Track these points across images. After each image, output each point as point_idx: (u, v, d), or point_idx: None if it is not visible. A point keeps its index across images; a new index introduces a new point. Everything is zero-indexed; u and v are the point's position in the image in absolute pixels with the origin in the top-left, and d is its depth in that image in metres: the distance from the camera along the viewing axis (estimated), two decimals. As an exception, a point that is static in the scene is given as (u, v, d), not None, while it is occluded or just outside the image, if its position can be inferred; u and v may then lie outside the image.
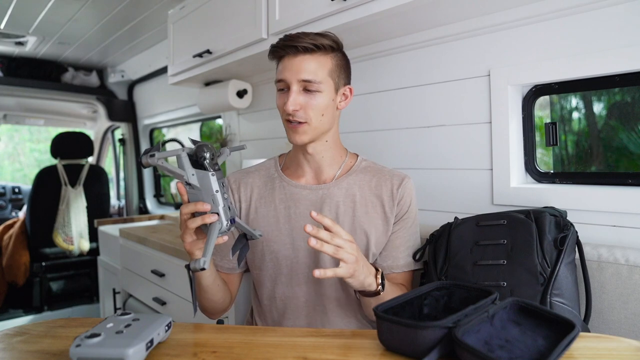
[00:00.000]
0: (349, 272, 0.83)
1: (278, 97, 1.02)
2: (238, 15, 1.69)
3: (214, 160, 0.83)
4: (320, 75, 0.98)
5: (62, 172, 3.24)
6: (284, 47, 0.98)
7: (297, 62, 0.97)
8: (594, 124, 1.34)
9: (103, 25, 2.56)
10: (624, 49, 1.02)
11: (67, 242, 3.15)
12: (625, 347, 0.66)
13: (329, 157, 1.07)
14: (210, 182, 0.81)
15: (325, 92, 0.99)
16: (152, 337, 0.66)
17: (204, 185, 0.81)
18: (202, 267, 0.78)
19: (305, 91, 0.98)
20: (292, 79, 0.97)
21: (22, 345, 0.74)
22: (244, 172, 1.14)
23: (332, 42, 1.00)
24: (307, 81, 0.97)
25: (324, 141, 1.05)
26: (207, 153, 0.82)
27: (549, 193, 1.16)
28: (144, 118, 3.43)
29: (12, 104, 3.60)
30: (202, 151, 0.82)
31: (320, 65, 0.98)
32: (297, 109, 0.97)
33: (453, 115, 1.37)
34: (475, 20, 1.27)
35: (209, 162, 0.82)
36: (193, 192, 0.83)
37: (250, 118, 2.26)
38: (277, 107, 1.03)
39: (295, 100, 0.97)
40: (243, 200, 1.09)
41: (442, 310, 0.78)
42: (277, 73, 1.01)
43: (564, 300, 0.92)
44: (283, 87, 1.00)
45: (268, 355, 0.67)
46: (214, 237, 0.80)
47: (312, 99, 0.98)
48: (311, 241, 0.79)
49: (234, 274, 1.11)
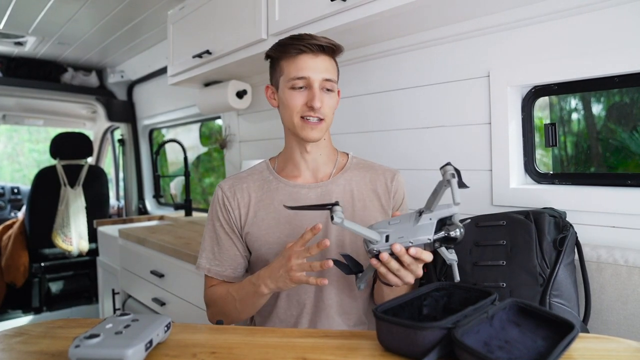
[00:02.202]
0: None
1: (292, 95, 1.01)
2: (238, 16, 1.69)
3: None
4: (335, 75, 1.03)
5: (61, 173, 3.23)
6: (307, 45, 0.98)
7: (319, 61, 1.00)
8: (593, 125, 1.34)
9: (102, 26, 2.56)
10: (623, 50, 1.02)
11: (66, 242, 3.15)
12: (625, 347, 0.66)
13: (325, 156, 1.09)
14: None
15: (336, 92, 1.04)
16: (151, 338, 0.65)
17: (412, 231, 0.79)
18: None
19: (323, 90, 1.01)
20: (316, 77, 0.99)
21: (21, 345, 0.73)
22: (237, 179, 1.12)
23: (341, 46, 1.04)
24: (329, 80, 1.00)
25: (323, 140, 1.06)
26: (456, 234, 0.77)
27: (549, 194, 1.16)
28: (144, 118, 3.43)
29: (11, 104, 3.59)
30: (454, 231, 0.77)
31: (334, 67, 1.04)
32: (321, 106, 1.00)
33: (453, 116, 1.37)
34: (475, 22, 1.27)
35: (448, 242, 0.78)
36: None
37: (250, 119, 2.26)
38: (290, 105, 1.01)
39: (321, 97, 0.99)
40: (241, 207, 1.08)
41: (442, 311, 0.78)
42: (294, 70, 0.99)
43: (563, 301, 0.92)
44: (303, 84, 1.00)
45: (267, 355, 0.67)
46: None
47: (330, 98, 1.02)
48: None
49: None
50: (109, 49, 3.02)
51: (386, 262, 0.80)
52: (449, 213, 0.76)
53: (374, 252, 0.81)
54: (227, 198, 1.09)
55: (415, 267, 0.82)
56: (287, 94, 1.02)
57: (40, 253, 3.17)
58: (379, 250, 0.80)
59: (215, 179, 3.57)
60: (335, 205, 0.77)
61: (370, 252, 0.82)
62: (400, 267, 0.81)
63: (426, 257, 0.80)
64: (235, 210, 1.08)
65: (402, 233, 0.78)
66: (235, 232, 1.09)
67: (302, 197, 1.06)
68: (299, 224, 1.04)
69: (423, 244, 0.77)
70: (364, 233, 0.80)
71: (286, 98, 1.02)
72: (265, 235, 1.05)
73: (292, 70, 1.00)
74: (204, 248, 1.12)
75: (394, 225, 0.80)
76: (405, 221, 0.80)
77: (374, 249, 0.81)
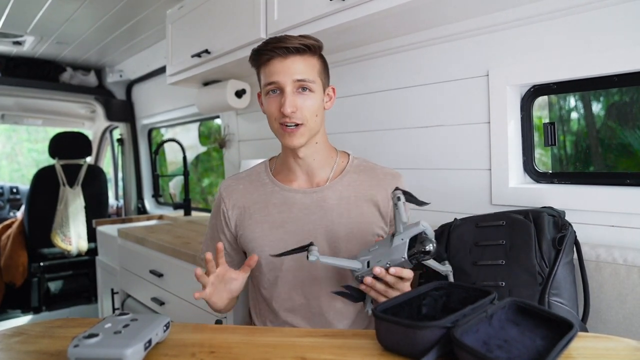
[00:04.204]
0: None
1: (268, 101, 0.99)
2: (236, 15, 1.69)
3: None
4: (312, 75, 0.98)
5: (60, 172, 3.23)
6: (274, 49, 0.96)
7: (288, 63, 0.96)
8: (592, 124, 1.34)
9: (101, 25, 2.56)
10: (622, 49, 1.02)
11: (65, 242, 3.14)
12: (624, 346, 0.66)
13: (320, 160, 1.06)
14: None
15: (317, 93, 0.99)
16: (150, 337, 0.65)
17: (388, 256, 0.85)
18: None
19: (299, 92, 0.97)
20: (286, 80, 0.96)
21: (20, 345, 0.73)
22: (235, 179, 1.13)
23: (317, 43, 1.00)
24: (302, 81, 0.96)
25: (314, 143, 1.04)
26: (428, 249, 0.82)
27: (548, 193, 1.16)
28: (143, 118, 3.43)
29: (10, 103, 3.58)
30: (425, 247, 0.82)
31: (311, 66, 0.99)
32: (294, 110, 0.96)
33: (452, 115, 1.37)
34: (474, 21, 1.27)
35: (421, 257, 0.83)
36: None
37: (249, 118, 2.26)
38: (267, 112, 1.00)
39: (292, 101, 0.96)
40: (237, 207, 1.08)
41: (441, 311, 0.78)
42: (266, 76, 0.99)
43: (562, 300, 0.92)
44: (275, 88, 0.98)
45: (266, 355, 0.67)
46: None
47: (307, 100, 0.98)
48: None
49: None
50: (107, 49, 3.01)
51: (371, 285, 0.86)
52: (417, 231, 0.83)
53: (360, 279, 0.88)
54: (222, 199, 1.10)
55: (401, 285, 0.87)
56: (265, 100, 1.01)
57: (40, 253, 3.17)
58: (363, 276, 0.87)
59: (214, 179, 3.56)
60: (310, 246, 0.86)
61: (357, 279, 0.89)
62: (387, 288, 0.87)
63: (406, 274, 0.85)
64: (229, 211, 1.08)
65: (380, 257, 0.86)
66: (230, 233, 1.09)
67: (297, 203, 1.05)
68: (292, 229, 1.03)
69: (400, 263, 0.84)
70: (345, 265, 0.88)
71: (265, 105, 1.01)
72: (259, 239, 1.04)
73: (265, 76, 0.99)
74: (204, 243, 1.16)
75: (373, 252, 0.88)
76: (382, 246, 0.87)
77: (358, 276, 0.88)
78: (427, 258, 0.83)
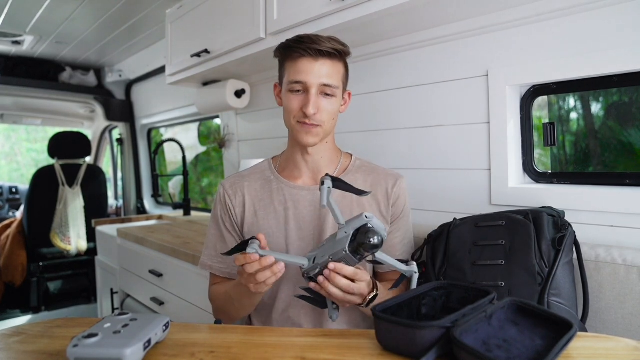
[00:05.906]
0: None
1: (290, 98, 1.00)
2: (236, 15, 1.69)
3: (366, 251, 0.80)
4: (337, 81, 1.00)
5: (59, 172, 3.23)
6: (306, 49, 0.97)
7: (318, 66, 0.97)
8: (592, 124, 1.34)
9: (100, 25, 2.56)
10: (622, 49, 1.02)
11: (64, 242, 3.14)
12: (623, 346, 0.66)
13: (327, 158, 1.08)
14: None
15: (338, 97, 1.02)
16: (149, 337, 0.65)
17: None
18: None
19: (322, 95, 0.99)
20: (313, 82, 0.97)
21: (20, 345, 0.73)
22: (239, 177, 1.13)
23: (346, 49, 1.02)
24: (327, 86, 0.98)
25: (324, 143, 1.06)
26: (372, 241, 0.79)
27: (547, 193, 1.16)
28: (142, 118, 3.43)
29: (9, 103, 3.58)
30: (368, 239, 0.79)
31: (337, 71, 1.01)
32: (316, 112, 0.98)
33: (451, 115, 1.37)
34: (474, 21, 1.27)
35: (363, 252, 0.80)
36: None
37: (249, 118, 2.26)
38: (287, 108, 1.01)
39: (315, 103, 0.97)
40: (241, 205, 1.08)
41: (440, 310, 0.78)
42: (293, 73, 0.99)
43: (562, 300, 0.92)
44: (300, 88, 0.99)
45: (266, 355, 0.67)
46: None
47: (328, 104, 1.00)
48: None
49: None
50: (107, 48, 3.01)
51: (323, 285, 0.83)
52: (360, 223, 0.80)
53: (307, 276, 0.86)
54: (228, 196, 1.10)
55: (356, 288, 0.85)
56: (286, 96, 1.02)
57: (39, 252, 3.17)
58: (308, 272, 0.85)
59: (214, 179, 3.56)
60: (251, 239, 0.83)
61: (306, 278, 0.86)
62: (344, 294, 0.84)
63: (346, 272, 0.82)
64: (236, 208, 1.09)
65: (326, 252, 0.83)
66: (236, 230, 1.09)
67: (302, 199, 1.06)
68: (297, 225, 1.04)
69: (342, 257, 0.80)
70: (290, 260, 0.84)
71: (285, 100, 1.02)
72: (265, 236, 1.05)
73: (292, 73, 0.99)
74: (207, 246, 1.13)
75: (321, 247, 0.85)
76: (329, 240, 0.85)
77: (305, 273, 0.86)
78: (374, 252, 0.79)
